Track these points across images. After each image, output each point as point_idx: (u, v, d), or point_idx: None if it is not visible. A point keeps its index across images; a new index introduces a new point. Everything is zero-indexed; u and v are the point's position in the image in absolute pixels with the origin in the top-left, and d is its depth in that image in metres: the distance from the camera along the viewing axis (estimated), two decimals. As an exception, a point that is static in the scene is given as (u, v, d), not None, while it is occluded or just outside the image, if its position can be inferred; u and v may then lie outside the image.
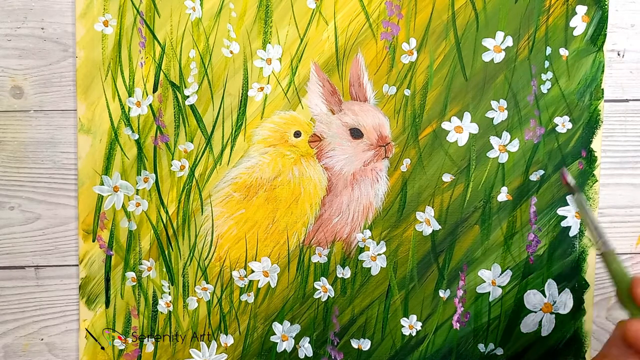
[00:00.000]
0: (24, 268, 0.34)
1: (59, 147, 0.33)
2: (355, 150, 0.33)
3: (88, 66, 0.33)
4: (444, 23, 0.33)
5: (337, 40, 0.33)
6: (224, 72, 0.33)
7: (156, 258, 0.34)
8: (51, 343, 0.34)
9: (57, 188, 0.33)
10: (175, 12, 0.33)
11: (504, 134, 0.34)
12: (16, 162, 0.33)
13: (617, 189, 0.34)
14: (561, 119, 0.34)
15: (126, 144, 0.33)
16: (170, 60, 0.33)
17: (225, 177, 0.34)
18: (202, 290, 0.34)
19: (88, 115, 0.33)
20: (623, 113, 0.34)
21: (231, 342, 0.34)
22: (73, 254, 0.34)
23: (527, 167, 0.34)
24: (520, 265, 0.34)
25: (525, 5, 0.33)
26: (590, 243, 0.34)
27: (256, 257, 0.34)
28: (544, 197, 0.34)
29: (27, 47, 0.33)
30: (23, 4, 0.33)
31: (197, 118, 0.33)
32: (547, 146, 0.34)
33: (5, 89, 0.33)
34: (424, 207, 0.33)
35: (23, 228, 0.33)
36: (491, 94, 0.33)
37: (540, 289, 0.34)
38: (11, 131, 0.33)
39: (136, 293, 0.34)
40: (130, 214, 0.33)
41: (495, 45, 0.33)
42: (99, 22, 0.33)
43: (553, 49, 0.33)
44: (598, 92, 0.34)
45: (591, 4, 0.33)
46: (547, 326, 0.34)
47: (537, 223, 0.34)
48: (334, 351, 0.34)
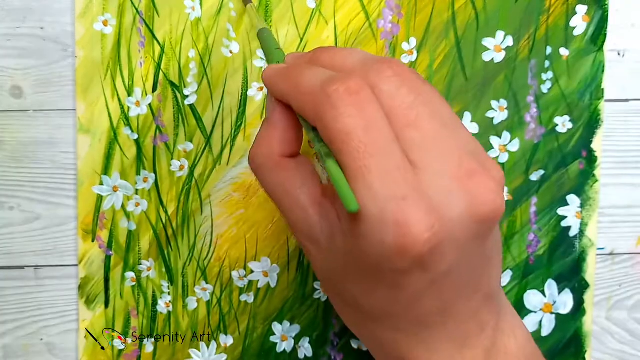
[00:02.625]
0: (23, 268, 0.33)
1: (58, 147, 0.33)
2: (355, 150, 0.33)
3: (87, 66, 0.33)
4: (444, 23, 0.33)
5: (337, 40, 0.33)
6: (224, 71, 0.33)
7: (156, 258, 0.34)
8: (51, 343, 0.34)
9: (57, 188, 0.33)
10: (175, 11, 0.33)
11: (505, 134, 0.34)
12: (15, 162, 0.33)
13: (618, 189, 0.34)
14: (561, 118, 0.34)
15: (125, 143, 0.33)
16: (170, 60, 0.33)
17: (225, 177, 0.34)
18: (202, 290, 0.34)
19: (87, 115, 0.33)
20: (623, 113, 0.34)
21: (231, 342, 0.34)
22: (72, 254, 0.34)
23: (527, 167, 0.34)
24: (520, 265, 0.34)
25: (526, 5, 0.33)
26: (591, 243, 0.34)
27: (256, 257, 0.34)
28: (544, 197, 0.34)
29: (27, 47, 0.33)
30: (22, 3, 0.33)
31: (196, 118, 0.33)
32: (547, 146, 0.34)
33: (5, 88, 0.33)
34: (424, 207, 0.33)
35: (22, 228, 0.33)
36: (491, 93, 0.33)
37: (541, 289, 0.34)
38: (10, 131, 0.33)
39: (136, 293, 0.34)
40: (129, 214, 0.33)
41: (496, 45, 0.33)
42: (99, 21, 0.33)
43: (553, 49, 0.33)
44: (598, 92, 0.33)
45: (591, 3, 0.33)
46: (547, 326, 0.34)
47: (538, 223, 0.34)
48: (333, 351, 0.34)
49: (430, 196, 0.20)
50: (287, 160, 0.23)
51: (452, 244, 0.20)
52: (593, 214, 0.34)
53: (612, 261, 0.34)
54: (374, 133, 0.20)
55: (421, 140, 0.20)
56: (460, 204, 0.20)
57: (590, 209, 0.34)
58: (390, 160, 0.20)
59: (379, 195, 0.19)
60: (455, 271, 0.21)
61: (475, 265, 0.22)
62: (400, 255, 0.19)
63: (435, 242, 0.19)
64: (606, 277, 0.34)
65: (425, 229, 0.19)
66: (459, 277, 0.21)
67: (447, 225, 0.20)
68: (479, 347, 0.23)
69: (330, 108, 0.20)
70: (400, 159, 0.20)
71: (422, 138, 0.20)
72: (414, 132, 0.20)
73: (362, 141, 0.20)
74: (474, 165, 0.20)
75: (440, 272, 0.20)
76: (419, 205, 0.19)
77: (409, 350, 0.23)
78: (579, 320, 0.34)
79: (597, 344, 0.34)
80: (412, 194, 0.19)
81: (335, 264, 0.23)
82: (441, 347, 0.23)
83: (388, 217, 0.19)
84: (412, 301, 0.21)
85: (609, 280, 0.34)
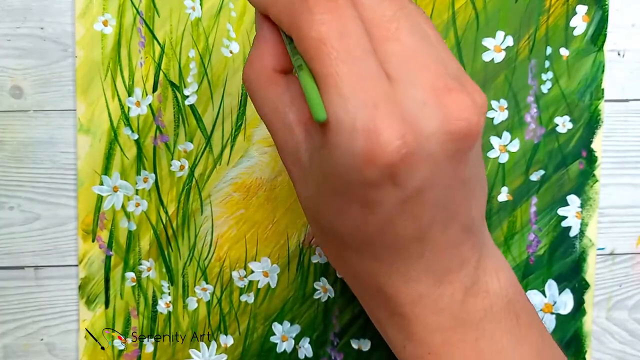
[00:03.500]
0: (24, 268, 0.33)
1: (59, 147, 0.33)
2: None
3: (87, 66, 0.33)
4: (444, 23, 0.33)
5: (337, 40, 0.33)
6: (224, 71, 0.33)
7: (156, 258, 0.34)
8: (51, 343, 0.34)
9: (57, 188, 0.33)
10: (175, 11, 0.33)
11: (505, 134, 0.34)
12: (15, 162, 0.33)
13: (618, 189, 0.34)
14: (562, 118, 0.34)
15: (126, 144, 0.33)
16: (170, 60, 0.33)
17: (225, 177, 0.34)
18: (202, 290, 0.34)
19: (87, 115, 0.33)
20: (623, 113, 0.34)
21: (231, 342, 0.34)
22: (72, 254, 0.34)
23: (527, 167, 0.34)
24: (520, 265, 0.34)
25: (526, 5, 0.33)
26: (591, 243, 0.34)
27: (256, 257, 0.34)
28: (544, 197, 0.34)
29: (27, 47, 0.33)
30: (22, 3, 0.33)
31: (196, 118, 0.33)
32: (547, 146, 0.34)
33: (5, 88, 0.33)
34: (424, 207, 0.33)
35: (22, 228, 0.33)
36: (492, 93, 0.33)
37: (541, 289, 0.34)
38: (10, 131, 0.33)
39: (136, 293, 0.34)
40: (129, 214, 0.33)
41: (496, 45, 0.33)
42: (99, 21, 0.33)
43: (553, 49, 0.33)
44: (598, 92, 0.33)
45: (591, 4, 0.33)
46: (547, 326, 0.34)
47: (538, 223, 0.34)
48: (334, 352, 0.34)
49: (404, 107, 0.19)
50: (279, 75, 0.23)
51: (425, 158, 0.19)
52: (593, 214, 0.34)
53: (612, 261, 0.34)
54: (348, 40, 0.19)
55: (400, 53, 0.20)
56: (435, 118, 0.19)
57: (591, 209, 0.34)
58: (364, 68, 0.19)
59: (350, 102, 0.19)
60: (429, 191, 0.20)
61: (451, 189, 0.21)
62: (369, 164, 0.19)
63: (405, 151, 0.19)
64: (606, 277, 0.34)
65: (396, 137, 0.19)
66: (434, 199, 0.21)
67: (420, 136, 0.19)
68: (458, 283, 0.23)
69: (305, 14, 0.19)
70: (375, 69, 0.19)
71: (401, 51, 0.20)
72: (393, 45, 0.20)
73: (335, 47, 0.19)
74: (453, 83, 0.20)
75: (412, 189, 0.20)
76: (390, 114, 0.19)
77: (385, 281, 0.23)
78: (579, 320, 0.34)
79: (597, 344, 0.34)
80: (384, 102, 0.19)
81: (313, 185, 0.22)
82: (418, 278, 0.23)
83: (358, 124, 0.19)
84: (385, 222, 0.21)
85: (609, 280, 0.34)
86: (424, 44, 0.20)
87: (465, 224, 0.22)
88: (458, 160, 0.20)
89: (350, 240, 0.23)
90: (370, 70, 0.19)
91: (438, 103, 0.19)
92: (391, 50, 0.20)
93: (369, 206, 0.21)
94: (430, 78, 0.20)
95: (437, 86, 0.20)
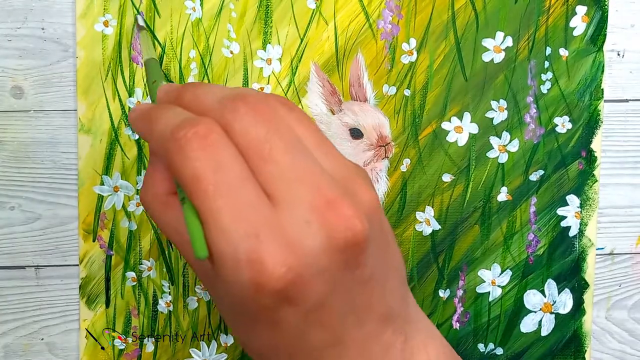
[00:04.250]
0: (24, 268, 0.34)
1: (59, 147, 0.33)
2: (355, 151, 0.33)
3: (88, 66, 0.33)
4: (444, 23, 0.33)
5: (337, 40, 0.33)
6: (224, 72, 0.33)
7: (156, 258, 0.34)
8: (51, 343, 0.34)
9: (58, 188, 0.33)
10: (176, 12, 0.33)
11: (504, 134, 0.34)
12: (16, 162, 0.33)
13: (617, 189, 0.34)
14: (561, 119, 0.34)
15: (126, 144, 0.33)
16: (171, 61, 0.33)
17: (225, 177, 0.34)
18: (202, 290, 0.34)
19: (88, 115, 0.33)
20: (623, 113, 0.34)
21: (231, 342, 0.34)
22: (73, 254, 0.34)
23: (527, 167, 0.34)
24: (520, 265, 0.34)
25: (525, 5, 0.33)
26: (590, 243, 0.34)
27: (256, 257, 0.34)
28: (544, 197, 0.34)
29: (27, 47, 0.33)
30: (23, 4, 0.33)
31: (197, 118, 0.33)
32: (547, 146, 0.34)
33: (6, 89, 0.33)
34: (423, 207, 0.34)
35: (23, 228, 0.33)
36: (491, 94, 0.34)
37: (540, 289, 0.34)
38: (11, 131, 0.33)
39: (136, 293, 0.34)
40: (130, 214, 0.33)
41: (495, 46, 0.33)
42: (99, 22, 0.33)
43: (553, 49, 0.34)
44: (598, 92, 0.34)
45: (591, 4, 0.34)
46: (547, 326, 0.34)
47: (537, 223, 0.34)
48: (334, 351, 0.34)
49: (287, 230, 0.19)
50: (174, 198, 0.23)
51: (316, 275, 0.19)
52: (592, 214, 0.34)
53: (612, 261, 0.34)
54: (223, 173, 0.19)
55: (279, 173, 0.20)
56: (319, 235, 0.19)
57: (590, 209, 0.34)
58: (243, 197, 0.19)
59: (232, 235, 0.19)
60: (331, 301, 0.20)
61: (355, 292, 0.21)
62: (258, 293, 0.19)
63: (291, 276, 0.19)
64: (606, 277, 0.34)
65: (280, 264, 0.19)
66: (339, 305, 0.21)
67: (306, 257, 0.19)
68: None
69: (178, 153, 0.20)
70: (254, 196, 0.20)
71: (278, 171, 0.20)
72: (270, 166, 0.20)
73: (211, 182, 0.19)
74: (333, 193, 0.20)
75: (311, 304, 0.20)
76: (273, 241, 0.19)
77: None
78: (578, 320, 0.34)
79: (597, 343, 0.34)
80: (266, 229, 0.19)
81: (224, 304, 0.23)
82: None
83: (241, 256, 0.19)
84: (296, 336, 0.21)
85: (609, 280, 0.34)
86: (301, 158, 0.20)
87: (383, 312, 0.22)
88: (353, 266, 0.20)
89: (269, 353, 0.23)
90: (250, 198, 0.19)
91: (320, 219, 0.20)
92: (269, 172, 0.20)
93: (275, 325, 0.21)
94: (310, 195, 0.20)
95: (316, 203, 0.20)
